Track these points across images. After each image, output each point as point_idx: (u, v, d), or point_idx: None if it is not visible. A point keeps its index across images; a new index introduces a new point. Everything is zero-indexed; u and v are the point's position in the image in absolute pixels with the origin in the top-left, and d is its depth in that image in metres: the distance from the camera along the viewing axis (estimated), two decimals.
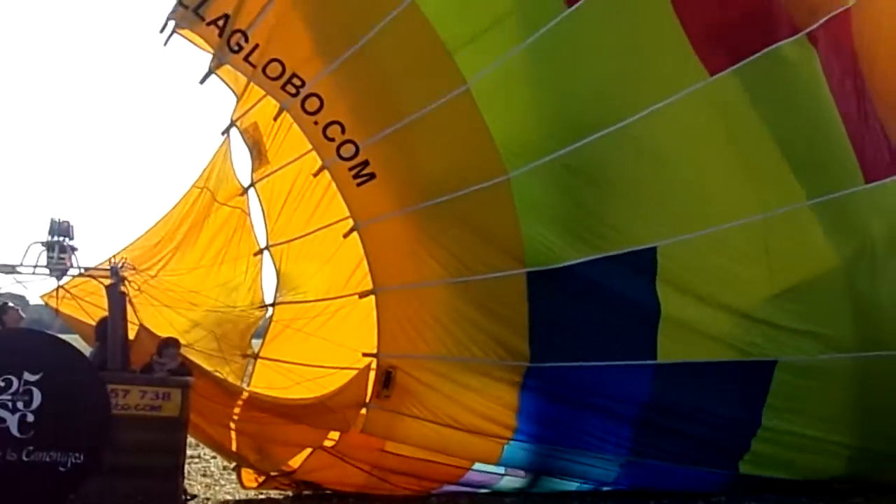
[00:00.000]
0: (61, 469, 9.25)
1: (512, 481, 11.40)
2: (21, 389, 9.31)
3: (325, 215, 11.65)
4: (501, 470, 11.27)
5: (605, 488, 11.30)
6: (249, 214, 11.92)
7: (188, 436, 10.29)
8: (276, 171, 11.81)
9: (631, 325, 10.69)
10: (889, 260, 10.98)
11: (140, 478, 9.36)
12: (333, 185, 10.80)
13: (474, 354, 10.63)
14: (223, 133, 11.59)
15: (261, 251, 12.04)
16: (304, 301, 12.03)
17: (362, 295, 10.73)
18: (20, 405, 9.28)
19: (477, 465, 11.21)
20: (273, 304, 12.08)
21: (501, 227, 10.48)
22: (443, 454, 10.92)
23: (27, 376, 9.34)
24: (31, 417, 9.28)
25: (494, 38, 10.40)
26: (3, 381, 9.31)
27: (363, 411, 10.58)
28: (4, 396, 9.29)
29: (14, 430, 9.25)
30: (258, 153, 11.66)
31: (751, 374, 10.79)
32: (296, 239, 12.02)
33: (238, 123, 11.53)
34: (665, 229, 10.52)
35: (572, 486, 11.39)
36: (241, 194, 11.85)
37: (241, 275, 11.99)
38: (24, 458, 9.23)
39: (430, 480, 11.28)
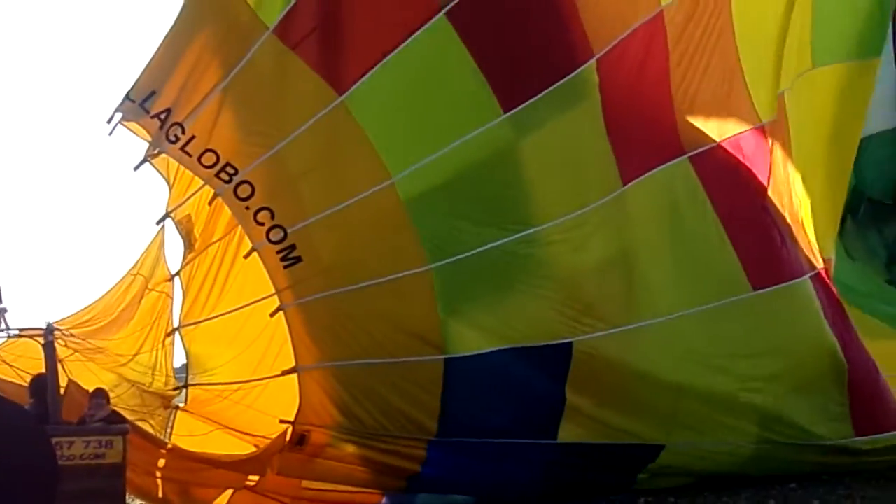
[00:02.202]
0: None
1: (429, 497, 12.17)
2: None
3: (237, 299, 12.25)
4: None
5: None
6: (173, 299, 12.57)
7: None
8: (195, 256, 12.42)
9: (536, 412, 11.50)
10: None
11: None
12: (246, 270, 11.75)
13: (385, 428, 11.36)
14: (158, 223, 12.22)
15: (171, 332, 12.63)
16: (219, 384, 12.52)
17: (285, 373, 11.38)
18: None
19: None
20: (185, 386, 12.59)
21: (422, 314, 11.21)
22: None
23: None
24: None
25: (423, 147, 11.23)
26: None
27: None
28: None
29: None
30: (189, 243, 12.31)
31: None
32: (205, 321, 12.54)
33: (173, 215, 12.13)
34: (581, 325, 11.34)
35: None
36: (169, 280, 12.51)
37: (159, 355, 12.65)
38: None
39: None
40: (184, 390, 12.50)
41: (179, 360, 12.99)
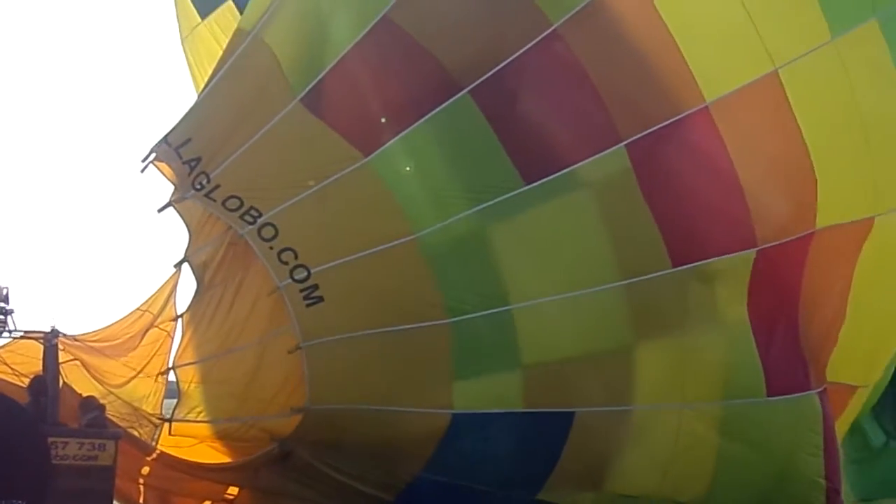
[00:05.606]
0: None
1: None
2: None
3: (238, 339, 12.51)
4: None
5: None
6: (173, 339, 12.86)
7: None
8: (201, 295, 12.74)
9: (526, 472, 11.92)
10: None
11: None
12: (243, 314, 12.27)
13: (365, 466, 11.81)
14: (175, 266, 12.62)
15: (166, 371, 12.88)
16: (203, 421, 12.63)
17: (294, 411, 11.55)
18: None
19: None
20: (170, 420, 12.53)
21: (436, 367, 11.62)
22: None
23: None
24: None
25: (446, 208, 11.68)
26: None
27: None
28: None
29: None
30: (200, 288, 12.70)
31: None
32: (198, 362, 12.80)
33: (191, 259, 12.60)
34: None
35: None
36: (173, 320, 12.80)
37: (150, 388, 12.88)
38: None
39: None
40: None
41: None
